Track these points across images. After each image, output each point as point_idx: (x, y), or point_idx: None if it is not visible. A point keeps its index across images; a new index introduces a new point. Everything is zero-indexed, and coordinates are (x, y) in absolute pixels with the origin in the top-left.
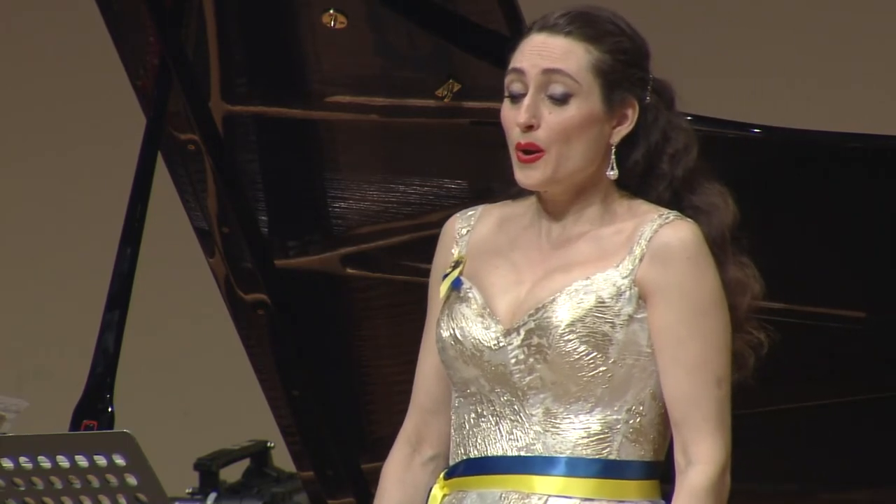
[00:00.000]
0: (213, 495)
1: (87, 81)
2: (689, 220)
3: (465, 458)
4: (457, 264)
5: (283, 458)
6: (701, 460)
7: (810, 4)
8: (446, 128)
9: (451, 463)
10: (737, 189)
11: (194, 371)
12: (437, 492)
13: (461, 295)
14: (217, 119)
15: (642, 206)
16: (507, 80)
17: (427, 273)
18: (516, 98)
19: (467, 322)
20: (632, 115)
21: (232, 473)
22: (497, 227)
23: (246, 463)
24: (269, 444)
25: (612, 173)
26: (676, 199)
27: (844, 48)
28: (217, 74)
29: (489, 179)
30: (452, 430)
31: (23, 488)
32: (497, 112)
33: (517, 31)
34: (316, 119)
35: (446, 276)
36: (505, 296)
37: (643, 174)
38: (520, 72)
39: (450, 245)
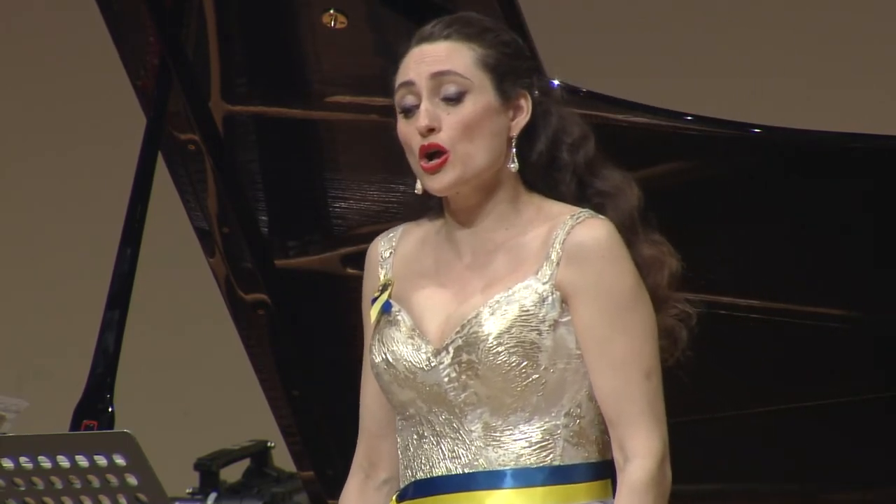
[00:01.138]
0: (213, 495)
1: (87, 81)
2: (600, 216)
3: (413, 479)
4: (385, 287)
5: (283, 458)
6: (638, 454)
7: (810, 4)
8: None
9: (401, 485)
10: (737, 189)
11: (194, 371)
12: None
13: (391, 318)
14: (217, 119)
15: (553, 206)
16: (398, 97)
17: None
18: (410, 111)
19: (398, 345)
20: (526, 106)
21: (232, 473)
22: (419, 245)
23: (246, 463)
24: (269, 444)
25: (513, 165)
26: (582, 188)
27: (844, 48)
28: (217, 74)
29: None
30: (399, 453)
31: (23, 488)
32: None
33: (517, 31)
34: (316, 119)
35: (375, 299)
36: (433, 315)
37: (547, 167)
38: (409, 84)
39: (375, 268)
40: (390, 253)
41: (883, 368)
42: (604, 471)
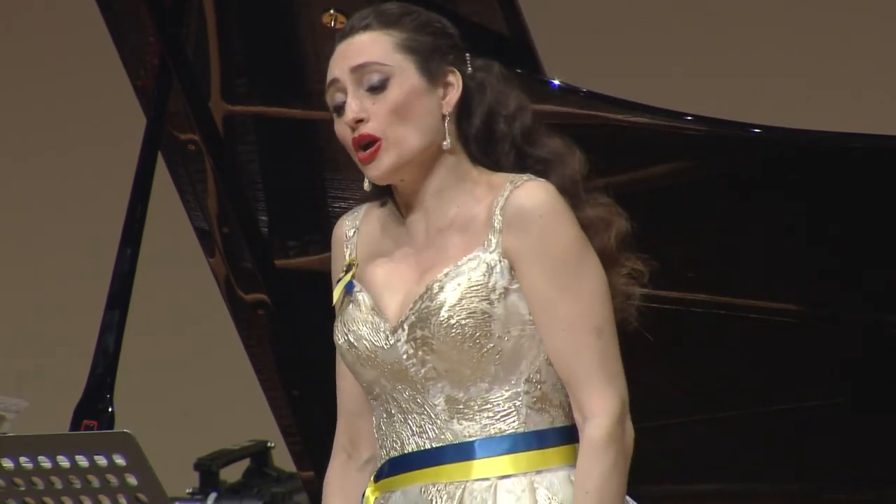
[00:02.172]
0: (213, 495)
1: (87, 81)
2: (538, 179)
3: (387, 458)
4: (349, 268)
5: (283, 458)
6: (595, 413)
7: (810, 4)
8: None
9: (378, 464)
10: (736, 189)
11: (194, 371)
12: (370, 495)
13: (352, 298)
14: (217, 119)
15: (499, 178)
16: (328, 97)
17: None
18: (340, 108)
19: (358, 325)
20: (456, 82)
21: (232, 473)
22: (380, 226)
23: (246, 463)
24: (269, 444)
25: (447, 143)
26: (521, 157)
27: (844, 48)
28: (217, 74)
29: None
30: (374, 432)
31: (23, 488)
32: None
33: (517, 31)
34: (316, 119)
35: (339, 280)
36: (391, 294)
37: (486, 140)
38: (335, 82)
39: (341, 248)
40: (354, 232)
41: (883, 368)
42: (572, 435)
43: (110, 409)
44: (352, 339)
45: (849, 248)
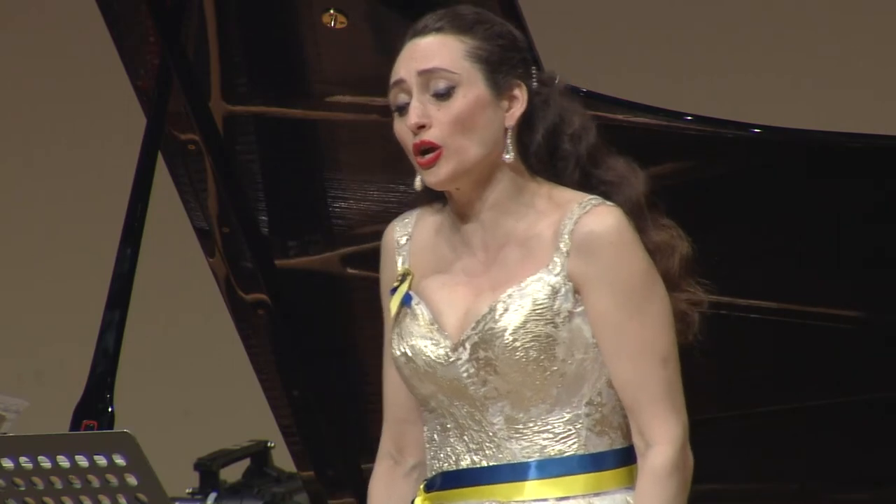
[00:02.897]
0: (213, 495)
1: (87, 81)
2: (609, 203)
3: (440, 471)
4: (404, 277)
5: (283, 458)
6: (658, 441)
7: (810, 4)
8: None
9: (429, 474)
10: (737, 189)
11: (194, 371)
12: None
13: (410, 311)
14: (217, 119)
15: (563, 194)
16: (391, 95)
17: None
18: (403, 109)
19: (416, 339)
20: (521, 96)
21: (232, 473)
22: (434, 235)
23: (246, 463)
24: (269, 444)
25: (508, 157)
26: (586, 178)
27: (844, 48)
28: (217, 74)
29: None
30: (426, 443)
31: (23, 488)
32: None
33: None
34: (316, 119)
35: (394, 289)
36: (451, 310)
37: (549, 157)
38: (400, 82)
39: (392, 255)
40: (406, 239)
41: (883, 368)
42: (630, 457)
43: (110, 409)
44: (409, 353)
45: (849, 248)
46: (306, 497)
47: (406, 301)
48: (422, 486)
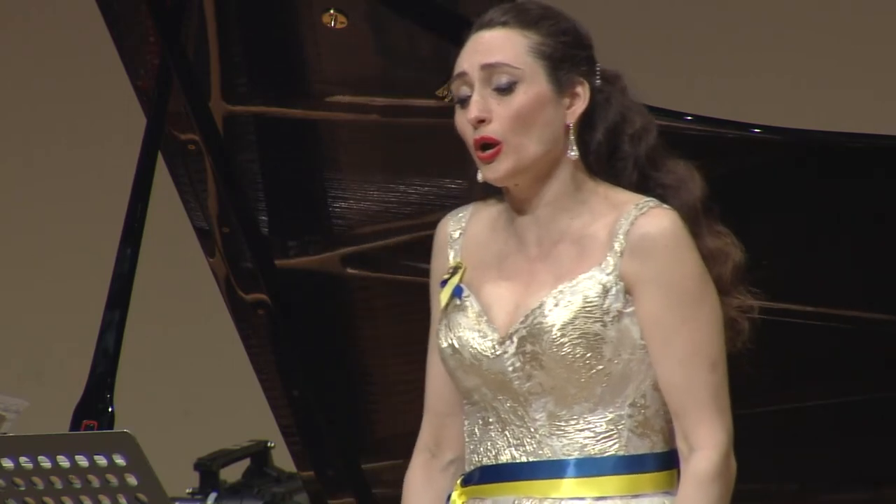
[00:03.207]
0: (213, 495)
1: (87, 81)
2: (664, 206)
3: (479, 465)
4: (455, 270)
5: (283, 458)
6: (703, 445)
7: (810, 4)
8: (446, 128)
9: (467, 469)
10: (736, 189)
11: (194, 371)
12: (456, 499)
13: (460, 303)
14: (217, 119)
15: (619, 195)
16: (454, 87)
17: (427, 273)
18: (465, 101)
19: (464, 331)
20: (583, 94)
21: (232, 473)
22: (489, 229)
23: (246, 463)
24: (269, 444)
25: (573, 154)
26: (644, 179)
27: (844, 48)
28: (217, 74)
29: None
30: (465, 437)
31: (23, 488)
32: None
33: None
34: (316, 119)
35: (445, 282)
36: (501, 304)
37: (608, 157)
38: (462, 74)
39: (444, 249)
40: (459, 233)
41: (883, 369)
42: (670, 461)
43: (110, 409)
44: (456, 345)
45: (849, 249)
46: (306, 497)
47: (456, 293)
48: (459, 481)
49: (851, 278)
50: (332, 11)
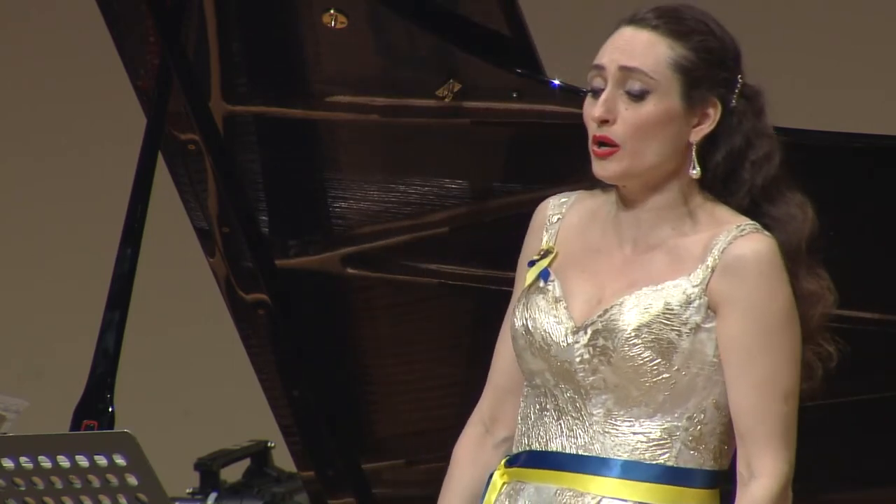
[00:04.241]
0: (213, 495)
1: (87, 81)
2: (765, 233)
3: (527, 448)
4: (546, 253)
5: (283, 458)
6: (764, 474)
7: (811, 4)
8: (446, 128)
9: (515, 450)
10: None
11: (194, 371)
12: (497, 479)
13: (542, 286)
14: (217, 119)
15: (725, 213)
16: (590, 76)
17: (427, 273)
18: (597, 93)
19: (540, 314)
20: (714, 115)
21: (232, 473)
22: (588, 219)
23: (246, 463)
24: (269, 444)
25: (695, 172)
26: (754, 207)
27: (844, 48)
28: (217, 74)
29: (489, 179)
30: (519, 419)
31: (23, 488)
32: (497, 112)
33: (517, 31)
34: (316, 119)
35: (533, 262)
36: (582, 294)
37: (724, 178)
38: (600, 67)
39: (540, 230)
40: (558, 219)
41: (883, 368)
42: (715, 481)
43: (110, 409)
44: (530, 326)
45: (849, 249)
46: (306, 497)
47: (543, 276)
48: (503, 461)
49: (851, 278)
50: (332, 11)
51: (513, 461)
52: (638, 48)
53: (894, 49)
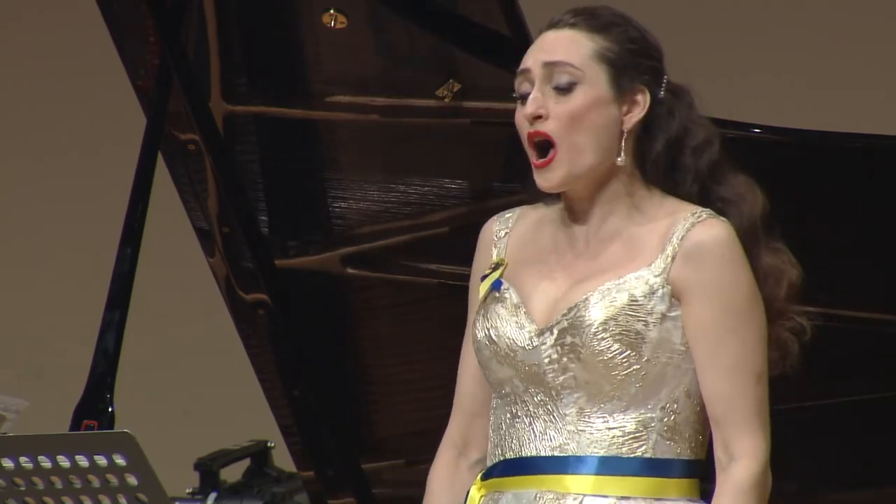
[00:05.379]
0: (213, 495)
1: (87, 81)
2: (721, 218)
3: (502, 458)
4: (497, 266)
5: (283, 458)
6: (744, 455)
7: (811, 4)
8: (446, 128)
9: (489, 463)
10: None
11: (194, 371)
12: (475, 493)
13: (498, 295)
14: (217, 119)
15: (674, 203)
16: (517, 83)
17: (427, 273)
18: (525, 97)
19: (501, 322)
20: (643, 102)
21: (232, 473)
22: (535, 228)
23: (246, 463)
24: (269, 444)
25: (620, 159)
26: (704, 193)
27: (844, 48)
28: (217, 74)
29: (489, 179)
30: (490, 431)
31: (23, 488)
32: (497, 112)
33: (517, 31)
34: (316, 119)
35: (485, 276)
36: (541, 297)
37: (668, 169)
38: (525, 71)
39: (488, 248)
40: (505, 233)
41: (883, 368)
42: (694, 469)
43: (110, 409)
44: (493, 335)
45: (848, 249)
46: (306, 497)
47: (495, 286)
48: (479, 476)
49: (851, 278)
50: (332, 11)
51: (489, 473)
52: (559, 45)
53: (894, 49)
